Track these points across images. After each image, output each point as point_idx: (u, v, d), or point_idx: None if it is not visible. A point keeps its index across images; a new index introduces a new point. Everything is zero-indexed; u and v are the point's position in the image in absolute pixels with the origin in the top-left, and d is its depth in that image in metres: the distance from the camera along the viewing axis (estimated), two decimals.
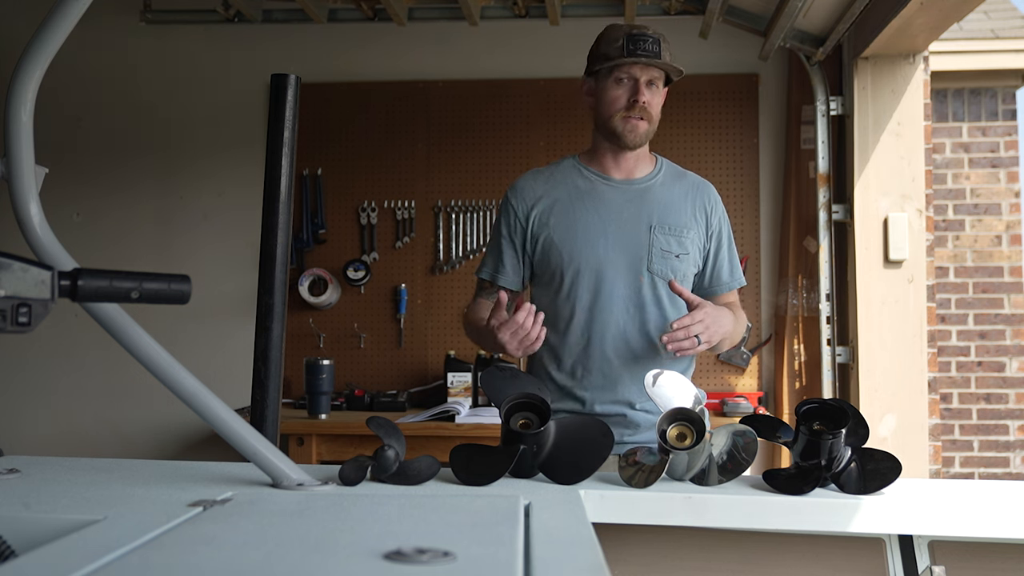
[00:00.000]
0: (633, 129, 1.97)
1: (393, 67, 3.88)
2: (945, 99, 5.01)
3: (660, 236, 1.99)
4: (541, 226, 2.02)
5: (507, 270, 2.06)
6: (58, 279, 0.89)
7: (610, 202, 2.01)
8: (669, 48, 1.98)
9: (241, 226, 3.83)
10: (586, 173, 2.05)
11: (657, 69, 1.96)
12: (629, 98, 1.96)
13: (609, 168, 2.05)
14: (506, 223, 2.07)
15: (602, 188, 2.03)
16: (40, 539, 0.96)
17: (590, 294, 1.97)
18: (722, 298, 2.09)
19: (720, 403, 3.47)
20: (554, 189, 2.04)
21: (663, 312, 1.99)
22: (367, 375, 3.82)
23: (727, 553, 1.38)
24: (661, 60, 1.94)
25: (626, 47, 1.94)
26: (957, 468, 4.90)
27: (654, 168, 2.08)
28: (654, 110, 1.99)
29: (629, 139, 1.98)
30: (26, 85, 1.17)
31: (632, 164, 2.05)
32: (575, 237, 1.99)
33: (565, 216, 2.01)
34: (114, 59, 3.98)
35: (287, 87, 1.43)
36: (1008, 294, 4.94)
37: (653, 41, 1.94)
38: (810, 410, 1.39)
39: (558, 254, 1.99)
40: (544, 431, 1.35)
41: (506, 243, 2.06)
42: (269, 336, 1.40)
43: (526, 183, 2.08)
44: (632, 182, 2.04)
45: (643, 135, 1.99)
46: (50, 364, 3.92)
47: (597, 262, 1.97)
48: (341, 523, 1.00)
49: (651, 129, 2.00)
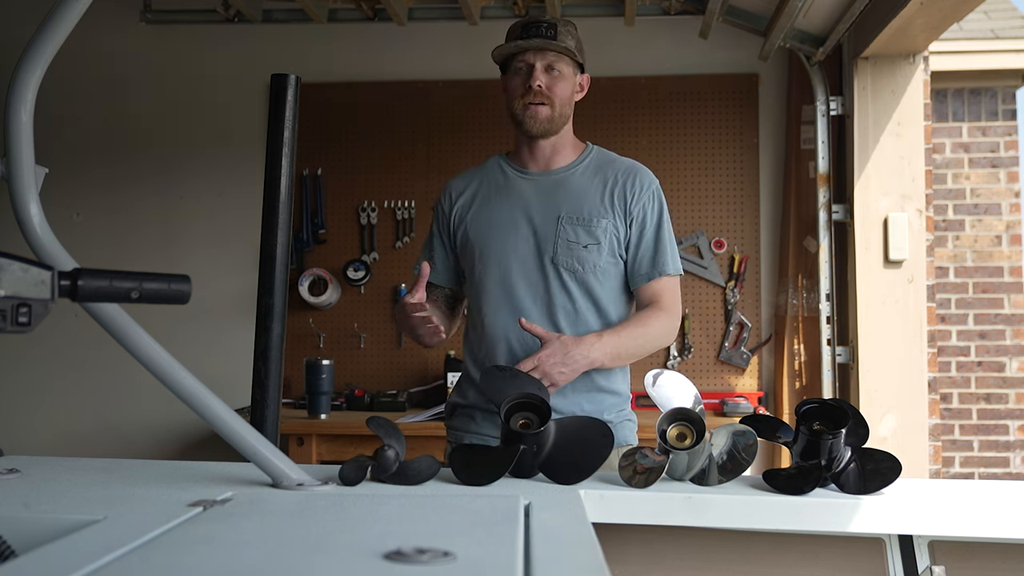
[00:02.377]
0: (533, 115, 1.96)
1: (393, 67, 3.88)
2: (945, 99, 5.01)
3: (568, 227, 1.95)
4: (460, 221, 2.06)
5: (436, 266, 2.09)
6: (58, 279, 0.89)
7: (522, 195, 2.01)
8: (572, 33, 1.98)
9: (241, 226, 3.83)
10: (506, 168, 2.07)
11: (553, 53, 1.95)
12: (524, 83, 1.96)
13: (526, 161, 2.05)
14: (436, 220, 2.12)
15: (518, 181, 2.04)
16: (40, 539, 0.96)
17: (499, 287, 1.97)
18: (644, 290, 1.98)
19: (720, 403, 3.47)
20: (476, 186, 2.07)
21: (574, 305, 1.95)
22: (367, 375, 3.82)
23: (727, 553, 1.38)
24: (549, 41, 1.92)
25: (520, 36, 1.96)
26: (957, 468, 4.90)
27: (578, 157, 2.05)
28: (556, 95, 1.96)
29: (530, 125, 1.97)
30: (26, 85, 1.17)
31: (549, 155, 2.03)
32: (488, 231, 2.00)
33: (480, 211, 2.03)
34: (114, 59, 3.98)
35: (287, 87, 1.43)
36: (1008, 294, 4.94)
37: (548, 27, 1.94)
38: (810, 410, 1.39)
39: (472, 248, 2.02)
40: (544, 431, 1.36)
41: (436, 239, 2.11)
42: (269, 336, 1.40)
43: (454, 181, 2.13)
44: (549, 173, 2.03)
45: (544, 120, 1.96)
46: (50, 364, 3.92)
47: (505, 255, 1.97)
48: (341, 523, 1.00)
49: (555, 114, 1.97)
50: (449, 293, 2.13)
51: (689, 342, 3.68)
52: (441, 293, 2.12)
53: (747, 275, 3.71)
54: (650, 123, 3.77)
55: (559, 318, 1.95)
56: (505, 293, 1.97)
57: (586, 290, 1.96)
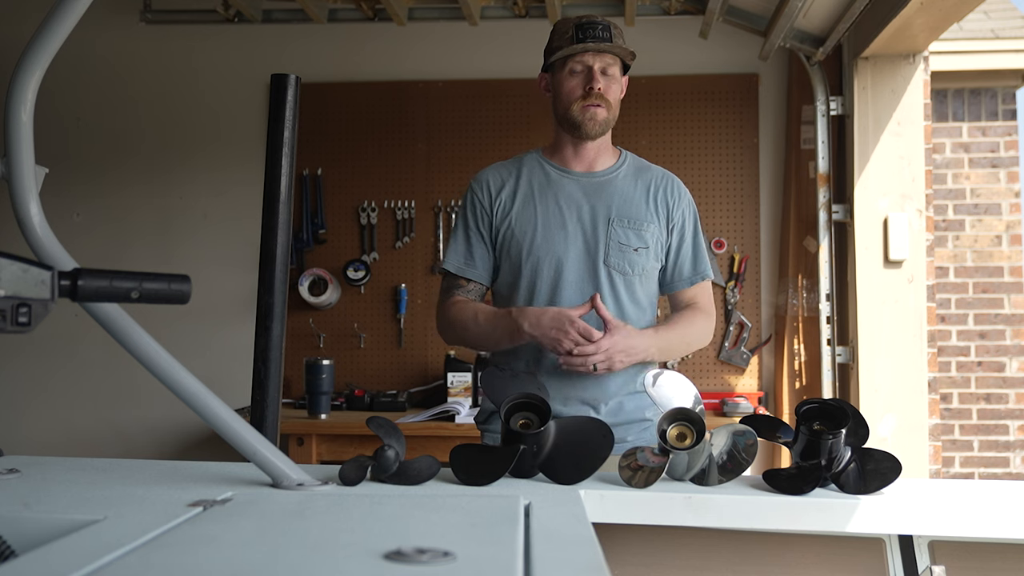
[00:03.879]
0: (592, 117, 1.96)
1: (393, 67, 3.88)
2: (945, 99, 5.00)
3: (618, 229, 1.97)
4: (503, 217, 2.02)
5: (475, 262, 2.04)
6: (58, 279, 0.89)
7: (570, 195, 2.00)
8: (621, 35, 1.98)
9: (241, 226, 3.83)
10: (547, 166, 2.05)
11: (610, 55, 1.95)
12: (584, 86, 1.95)
13: (570, 161, 2.04)
14: (472, 213, 2.05)
15: (563, 181, 2.02)
16: (40, 539, 0.96)
17: (548, 287, 1.97)
18: (684, 293, 2.06)
19: (720, 403, 3.47)
20: (517, 181, 2.04)
21: (621, 306, 1.97)
22: (367, 375, 3.82)
23: (727, 553, 1.38)
24: (612, 44, 1.93)
25: (576, 37, 1.94)
26: (957, 468, 4.90)
27: (616, 161, 2.06)
28: (612, 97, 1.97)
29: (589, 127, 1.97)
30: (26, 85, 1.17)
31: (593, 156, 2.03)
32: (535, 229, 1.98)
33: (526, 208, 2.00)
34: (114, 59, 3.98)
35: (287, 87, 1.43)
36: (1008, 294, 4.94)
37: (603, 28, 1.94)
38: (810, 410, 1.39)
39: (518, 246, 1.99)
40: (544, 431, 1.35)
41: (473, 233, 2.04)
42: (269, 336, 1.40)
43: (490, 174, 2.07)
44: (593, 175, 2.03)
45: (602, 122, 1.97)
46: (50, 364, 3.92)
47: (555, 255, 1.96)
48: (341, 523, 1.00)
49: (610, 117, 1.98)
50: (483, 291, 2.08)
51: None
52: (477, 292, 2.06)
53: (747, 275, 3.72)
54: (650, 123, 3.77)
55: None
56: (554, 292, 1.96)
57: (631, 292, 1.98)
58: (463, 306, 2.02)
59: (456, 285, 2.06)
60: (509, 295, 2.02)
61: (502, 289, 2.05)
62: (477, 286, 2.05)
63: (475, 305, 2.02)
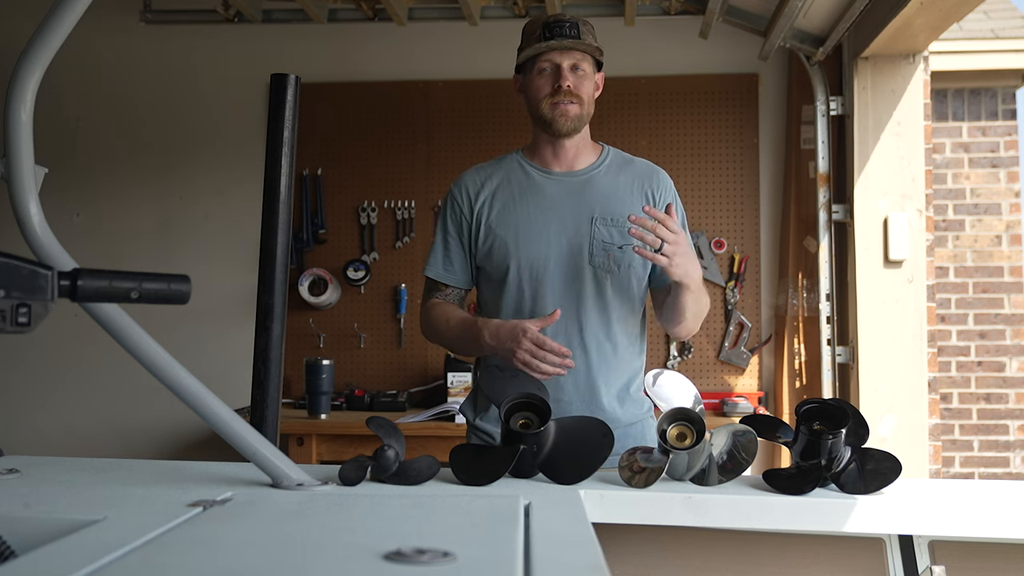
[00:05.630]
0: (563, 114, 1.94)
1: (393, 67, 3.88)
2: (945, 99, 5.00)
3: (602, 228, 1.95)
4: (484, 219, 2.00)
5: (454, 267, 2.03)
6: (58, 279, 0.89)
7: (551, 195, 1.99)
8: (591, 32, 1.97)
9: (241, 226, 3.83)
10: (528, 167, 2.03)
11: (579, 52, 1.95)
12: (553, 84, 1.95)
13: (549, 161, 2.03)
14: (452, 219, 2.04)
15: (544, 182, 2.01)
16: (40, 539, 0.96)
17: (531, 288, 1.95)
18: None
19: (720, 403, 3.47)
20: (497, 183, 2.03)
21: (605, 307, 1.95)
22: (367, 375, 3.82)
23: (727, 553, 1.38)
24: (577, 41, 1.92)
25: (543, 35, 1.94)
26: (957, 468, 4.90)
27: (598, 158, 2.05)
28: (583, 93, 1.96)
29: (560, 124, 1.95)
30: (26, 85, 1.17)
31: (572, 155, 2.02)
32: (516, 231, 1.97)
33: (507, 210, 1.99)
34: (114, 59, 3.98)
35: (287, 87, 1.43)
36: (1008, 294, 4.94)
37: (571, 26, 1.93)
38: (810, 410, 1.39)
39: (501, 248, 1.97)
40: (544, 431, 1.35)
41: (452, 239, 2.04)
42: (269, 336, 1.40)
43: (469, 177, 2.07)
44: (573, 174, 2.01)
45: (574, 119, 1.96)
46: (50, 364, 3.92)
47: (538, 256, 1.95)
48: (341, 523, 1.00)
49: (583, 113, 1.97)
50: (463, 295, 2.09)
51: (689, 342, 3.68)
52: (456, 296, 2.07)
53: (747, 275, 3.72)
54: (650, 123, 3.77)
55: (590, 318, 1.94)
56: (537, 293, 1.95)
57: (619, 290, 1.96)
58: (440, 309, 2.02)
59: (436, 289, 2.06)
60: (493, 298, 2.01)
61: (486, 292, 2.04)
62: (456, 291, 2.06)
63: (450, 310, 2.02)
